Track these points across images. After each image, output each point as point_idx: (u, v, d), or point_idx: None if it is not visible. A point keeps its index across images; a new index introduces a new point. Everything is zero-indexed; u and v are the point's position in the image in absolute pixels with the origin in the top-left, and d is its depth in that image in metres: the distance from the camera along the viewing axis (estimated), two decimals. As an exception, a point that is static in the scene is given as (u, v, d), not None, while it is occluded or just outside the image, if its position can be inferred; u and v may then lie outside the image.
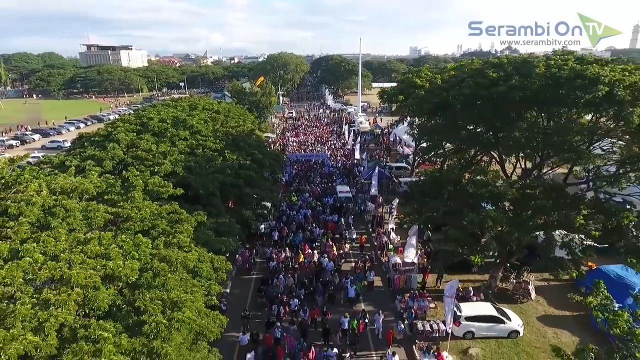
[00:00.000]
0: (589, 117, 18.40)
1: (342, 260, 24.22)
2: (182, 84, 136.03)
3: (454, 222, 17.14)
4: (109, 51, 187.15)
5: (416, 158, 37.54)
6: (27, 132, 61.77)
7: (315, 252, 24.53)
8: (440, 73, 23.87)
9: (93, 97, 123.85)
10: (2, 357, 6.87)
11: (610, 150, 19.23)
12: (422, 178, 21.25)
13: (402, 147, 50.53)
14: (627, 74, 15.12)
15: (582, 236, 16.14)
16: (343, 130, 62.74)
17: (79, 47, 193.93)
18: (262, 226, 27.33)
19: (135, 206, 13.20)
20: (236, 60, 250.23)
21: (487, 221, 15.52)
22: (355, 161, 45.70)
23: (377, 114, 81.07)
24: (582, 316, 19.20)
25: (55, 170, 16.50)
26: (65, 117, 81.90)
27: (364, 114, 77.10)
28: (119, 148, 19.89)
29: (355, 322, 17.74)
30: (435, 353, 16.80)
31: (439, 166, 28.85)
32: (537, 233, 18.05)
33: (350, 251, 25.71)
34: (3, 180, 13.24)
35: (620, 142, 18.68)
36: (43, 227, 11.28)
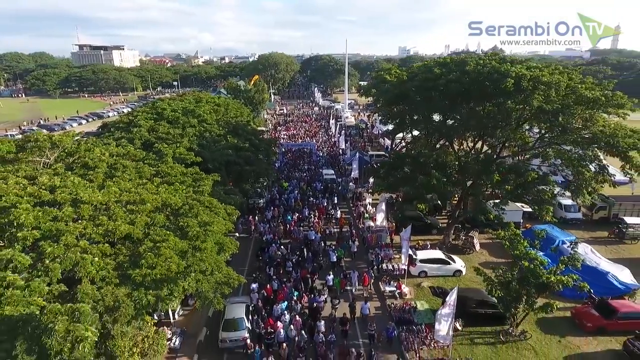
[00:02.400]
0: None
1: (328, 232, 28.76)
2: (175, 83, 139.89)
3: (409, 184, 22.30)
4: (102, 51, 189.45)
5: (393, 147, 42.80)
6: (34, 128, 65.56)
7: (302, 228, 28.80)
8: (407, 71, 28.98)
9: (85, 95, 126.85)
10: (117, 233, 11.69)
11: (531, 130, 24.70)
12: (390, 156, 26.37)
13: (383, 139, 55.79)
14: (531, 71, 20.41)
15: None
16: (330, 125, 67.82)
17: (69, 47, 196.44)
18: (261, 201, 32.31)
19: (169, 166, 18.08)
20: (227, 60, 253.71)
21: (432, 180, 20.67)
22: (340, 151, 50.83)
23: (364, 111, 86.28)
24: (512, 262, 24.55)
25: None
26: (77, 111, 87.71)
27: (350, 111, 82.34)
28: (144, 130, 24.67)
29: (337, 280, 21.95)
30: (396, 284, 22.01)
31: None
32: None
33: (335, 229, 29.87)
34: (69, 149, 18.01)
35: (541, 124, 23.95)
36: (110, 177, 16.09)
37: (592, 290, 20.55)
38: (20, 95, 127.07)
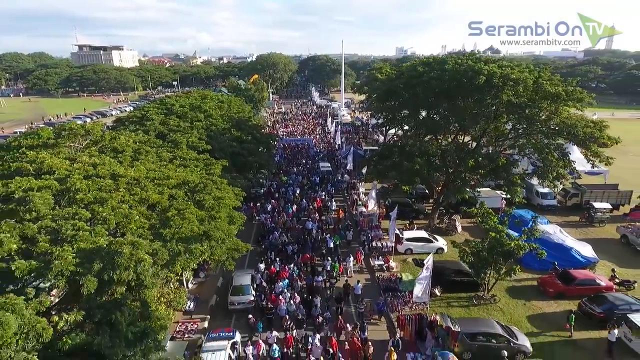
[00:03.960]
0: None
1: (325, 221, 31.09)
2: (175, 83, 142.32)
3: (396, 170, 25.01)
4: (101, 51, 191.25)
5: (385, 141, 45.52)
6: (41, 125, 67.89)
7: (300, 220, 31.00)
8: (396, 70, 31.73)
9: (84, 95, 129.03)
10: (150, 201, 14.28)
11: (508, 124, 27.44)
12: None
13: (377, 135, 58.52)
14: (501, 69, 23.13)
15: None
16: (327, 122, 70.48)
17: (67, 47, 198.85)
18: (263, 190, 34.93)
19: (184, 152, 20.70)
20: (225, 60, 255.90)
21: (415, 166, 23.38)
22: (337, 146, 53.53)
23: (359, 109, 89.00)
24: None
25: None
26: (85, 109, 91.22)
27: (347, 109, 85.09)
28: (157, 123, 27.26)
29: (337, 264, 24.08)
30: (384, 259, 24.70)
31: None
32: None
33: (334, 214, 32.21)
34: (97, 137, 20.62)
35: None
36: (135, 159, 18.70)
37: (556, 263, 23.50)
38: (19, 95, 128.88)
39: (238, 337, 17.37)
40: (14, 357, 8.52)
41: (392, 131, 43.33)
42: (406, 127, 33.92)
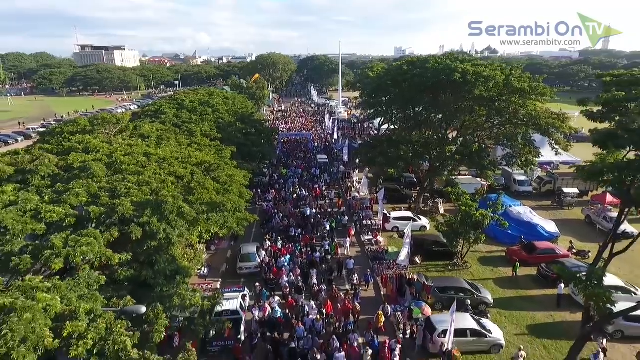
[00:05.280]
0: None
1: (322, 209, 34.34)
2: (177, 82, 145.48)
3: (384, 156, 28.38)
4: (103, 51, 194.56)
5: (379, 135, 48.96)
6: (52, 122, 71.16)
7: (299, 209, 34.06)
8: (385, 68, 35.15)
9: (86, 94, 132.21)
10: (178, 173, 17.56)
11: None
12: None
13: (373, 131, 61.93)
14: (475, 67, 26.52)
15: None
16: (325, 119, 73.81)
17: (66, 47, 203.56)
18: (266, 179, 38.27)
19: (199, 139, 24.03)
20: (225, 60, 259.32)
21: (400, 152, 26.75)
22: (334, 141, 56.90)
23: (355, 107, 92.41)
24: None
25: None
26: (93, 106, 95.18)
27: (344, 107, 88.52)
28: (171, 116, 30.58)
29: (332, 245, 27.11)
30: (372, 235, 28.07)
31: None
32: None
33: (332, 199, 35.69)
34: (122, 125, 23.93)
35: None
36: (159, 144, 22.00)
37: (522, 236, 26.94)
38: (21, 94, 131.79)
39: (247, 292, 20.71)
40: (90, 276, 11.76)
41: (385, 127, 46.75)
42: (395, 122, 37.41)
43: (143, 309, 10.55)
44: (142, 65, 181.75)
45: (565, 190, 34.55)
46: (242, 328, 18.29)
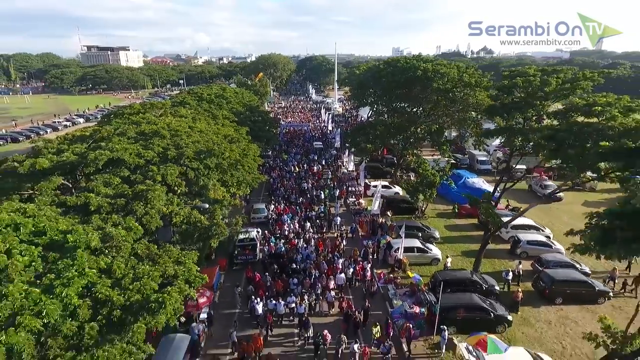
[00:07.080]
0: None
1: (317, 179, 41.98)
2: (181, 81, 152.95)
3: (364, 136, 36.02)
4: (109, 52, 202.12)
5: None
6: (74, 117, 78.63)
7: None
8: (369, 67, 42.84)
9: (94, 92, 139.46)
10: (213, 140, 25.07)
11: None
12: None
13: (362, 121, 69.63)
14: (434, 66, 34.19)
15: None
16: (322, 114, 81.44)
17: (67, 47, 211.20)
18: (270, 161, 45.86)
19: (221, 120, 31.58)
20: (225, 60, 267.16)
21: (377, 132, 34.36)
22: (328, 131, 64.56)
23: (347, 100, 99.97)
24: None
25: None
26: (110, 103, 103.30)
27: (339, 103, 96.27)
28: (195, 104, 38.11)
29: (327, 208, 35.29)
30: (355, 197, 35.70)
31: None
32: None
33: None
34: (165, 109, 31.44)
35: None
36: (194, 122, 29.48)
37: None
38: (29, 92, 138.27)
39: (260, 230, 28.36)
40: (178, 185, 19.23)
41: (372, 118, 54.52)
42: (377, 111, 45.08)
43: (206, 206, 18.21)
44: (147, 65, 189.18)
45: (516, 166, 42.21)
46: (257, 250, 25.86)
